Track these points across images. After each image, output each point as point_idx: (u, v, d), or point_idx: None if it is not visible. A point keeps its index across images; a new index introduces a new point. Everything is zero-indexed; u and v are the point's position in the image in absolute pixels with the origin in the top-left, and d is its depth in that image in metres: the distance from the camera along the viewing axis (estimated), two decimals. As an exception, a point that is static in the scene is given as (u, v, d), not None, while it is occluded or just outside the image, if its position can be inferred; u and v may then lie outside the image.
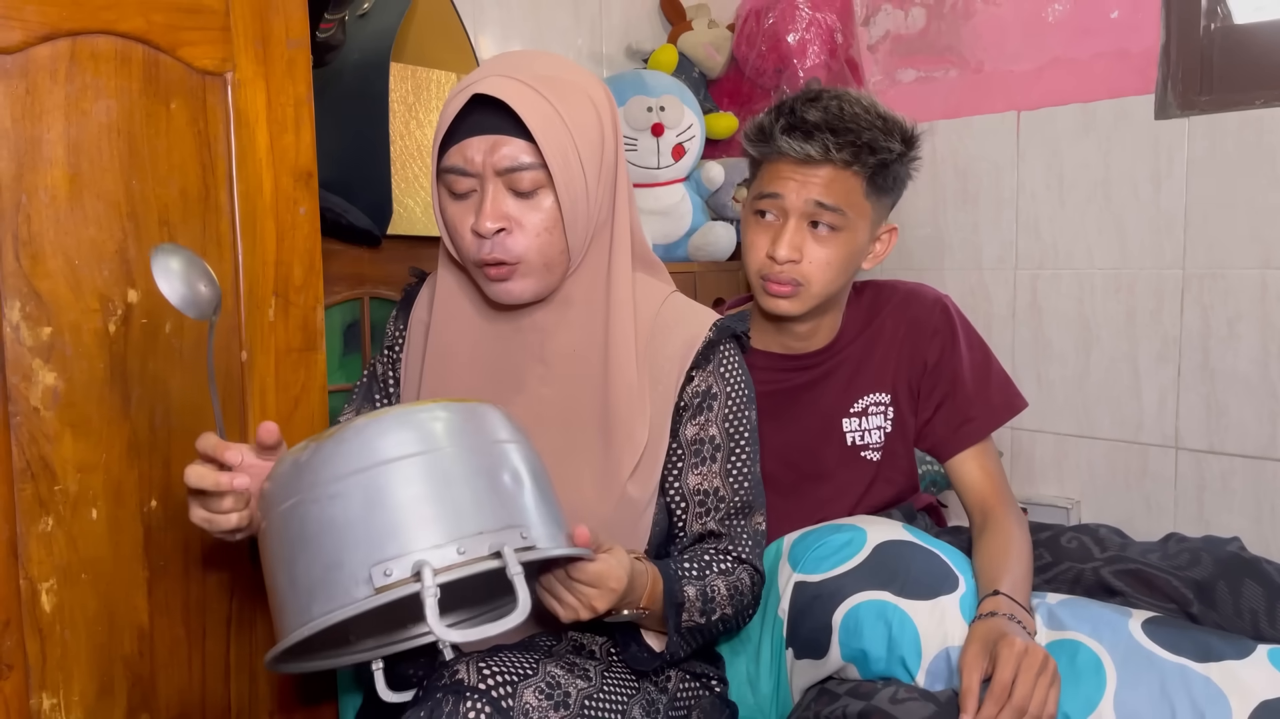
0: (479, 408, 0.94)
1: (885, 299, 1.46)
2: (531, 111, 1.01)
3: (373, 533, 0.83)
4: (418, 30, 1.82)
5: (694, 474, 1.13)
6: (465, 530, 0.84)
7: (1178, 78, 2.06)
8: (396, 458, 0.86)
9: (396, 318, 1.26)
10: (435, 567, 0.81)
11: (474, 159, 1.03)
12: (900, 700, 1.07)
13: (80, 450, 1.08)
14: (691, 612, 1.06)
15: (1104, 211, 2.17)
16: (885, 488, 1.45)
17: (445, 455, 0.87)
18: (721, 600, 1.09)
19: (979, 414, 1.40)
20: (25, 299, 1.04)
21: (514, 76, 1.03)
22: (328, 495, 0.84)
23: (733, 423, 1.14)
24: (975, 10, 2.35)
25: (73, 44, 1.06)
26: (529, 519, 0.89)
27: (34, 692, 1.07)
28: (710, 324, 1.15)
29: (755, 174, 1.39)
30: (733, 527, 1.14)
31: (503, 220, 1.04)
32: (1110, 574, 1.30)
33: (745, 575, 1.13)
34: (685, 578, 1.07)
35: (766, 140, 1.34)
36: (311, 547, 0.84)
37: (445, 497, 0.85)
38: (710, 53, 2.35)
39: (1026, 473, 2.34)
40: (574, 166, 1.04)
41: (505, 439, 0.93)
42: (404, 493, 0.84)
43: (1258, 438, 2.00)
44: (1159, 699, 1.04)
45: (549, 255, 1.06)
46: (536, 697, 0.96)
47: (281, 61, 1.20)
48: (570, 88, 1.06)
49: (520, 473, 0.91)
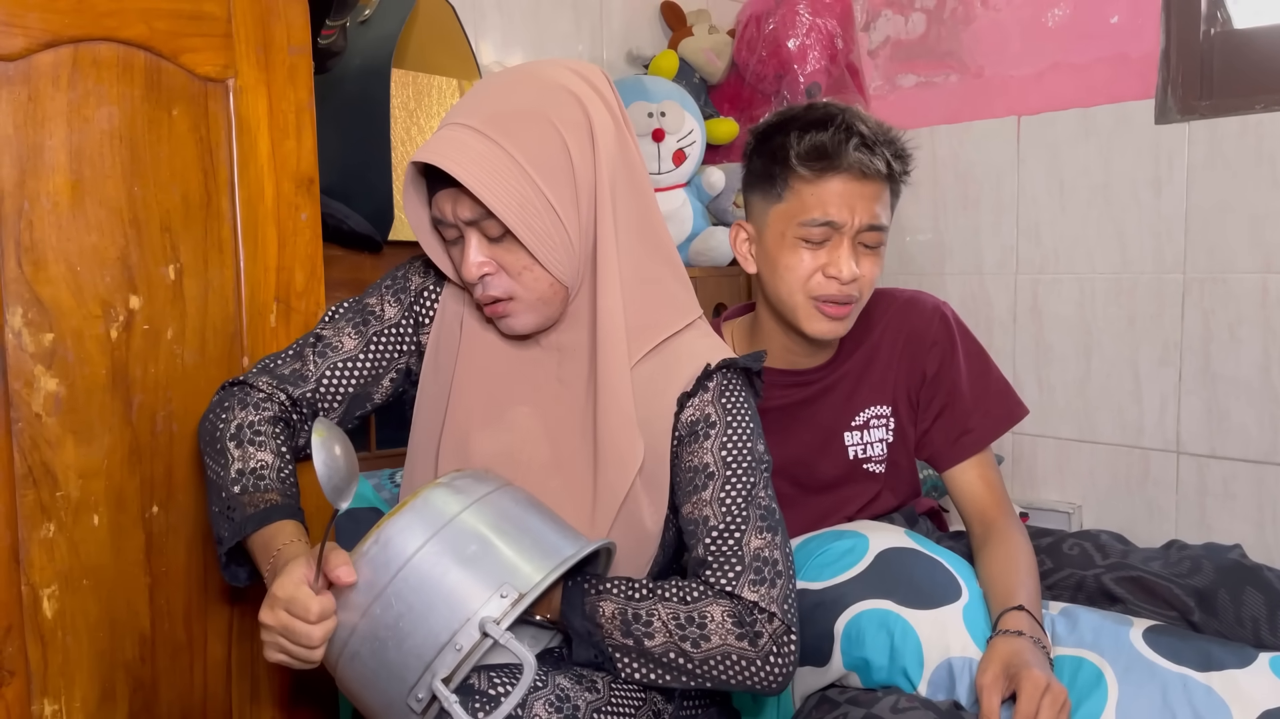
0: (415, 503, 0.98)
1: (883, 310, 1.44)
2: (471, 165, 1.01)
3: (393, 673, 0.93)
4: (419, 37, 1.82)
5: (688, 503, 1.09)
6: (455, 625, 0.92)
7: (1178, 82, 2.07)
8: (380, 606, 0.93)
9: (429, 273, 1.21)
10: (442, 677, 0.91)
11: (446, 211, 1.06)
12: (902, 710, 1.06)
13: (82, 456, 1.09)
14: (610, 629, 1.02)
15: (1104, 216, 2.18)
16: (889, 498, 1.45)
17: (416, 568, 0.93)
18: (658, 627, 1.02)
19: (977, 425, 1.39)
20: (27, 305, 1.04)
21: (463, 123, 1.04)
22: (348, 657, 0.95)
23: (731, 452, 1.09)
24: (975, 15, 2.36)
25: (75, 51, 1.06)
26: (508, 569, 0.94)
27: (36, 698, 1.07)
28: (718, 358, 1.11)
29: (786, 194, 1.31)
30: (719, 552, 1.05)
31: (483, 267, 1.06)
32: (1112, 581, 1.30)
33: (715, 609, 1.02)
34: (608, 594, 1.03)
35: (829, 158, 1.27)
36: (363, 700, 0.98)
37: (427, 606, 0.93)
38: (711, 58, 2.35)
39: (1028, 478, 2.34)
40: (534, 205, 1.03)
41: (456, 511, 0.97)
42: (400, 628, 0.93)
43: (1259, 443, 1.99)
44: (1161, 710, 1.04)
45: (539, 290, 1.07)
46: (546, 709, 0.96)
47: (283, 68, 1.21)
48: (525, 119, 1.03)
49: (482, 534, 0.96)
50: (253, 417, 1.09)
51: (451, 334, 1.18)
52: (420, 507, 0.97)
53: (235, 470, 1.05)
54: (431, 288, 1.20)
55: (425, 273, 1.21)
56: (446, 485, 1.00)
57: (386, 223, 1.62)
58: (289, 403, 1.13)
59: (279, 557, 0.98)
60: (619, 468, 1.09)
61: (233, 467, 1.06)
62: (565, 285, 1.08)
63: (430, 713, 0.93)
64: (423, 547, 0.94)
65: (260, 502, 1.03)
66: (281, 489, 1.06)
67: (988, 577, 1.25)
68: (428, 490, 0.99)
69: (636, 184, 1.12)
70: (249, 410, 1.10)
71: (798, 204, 1.30)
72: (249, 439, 1.07)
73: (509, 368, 1.15)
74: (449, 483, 1.01)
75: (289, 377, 1.14)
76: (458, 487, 1.00)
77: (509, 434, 1.13)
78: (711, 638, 1.02)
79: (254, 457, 1.06)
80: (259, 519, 1.02)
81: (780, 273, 1.33)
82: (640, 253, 1.12)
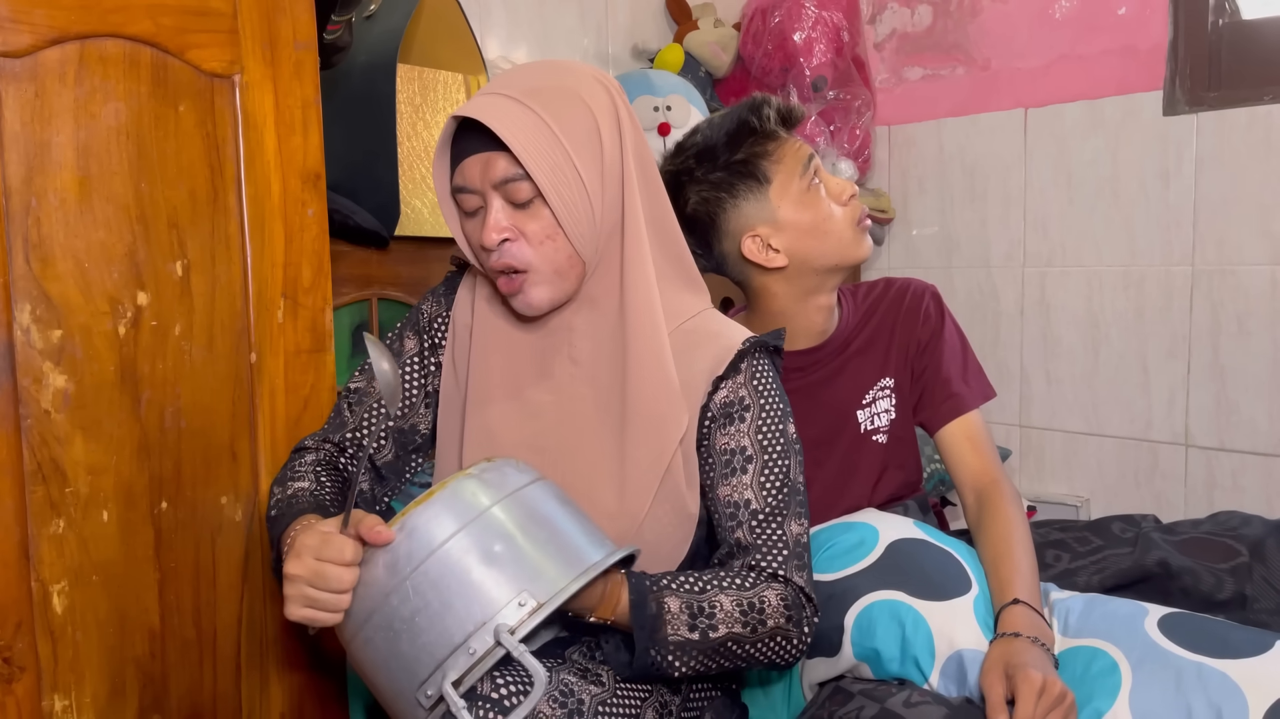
0: (444, 493, 0.96)
1: (882, 291, 1.51)
2: (511, 125, 1.03)
3: (404, 664, 0.92)
4: (424, 32, 1.82)
5: (724, 485, 1.11)
6: (470, 628, 0.90)
7: (1186, 74, 2.06)
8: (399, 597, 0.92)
9: (440, 299, 1.24)
10: (452, 679, 0.89)
11: (473, 177, 1.07)
12: (914, 704, 1.06)
13: (91, 453, 1.09)
14: (676, 624, 1.01)
15: (1112, 208, 2.17)
16: (896, 473, 1.47)
17: (440, 561, 0.92)
18: (724, 617, 1.02)
19: (961, 390, 1.45)
20: (35, 302, 1.04)
21: (502, 93, 1.06)
22: (362, 641, 0.94)
23: (767, 434, 1.11)
24: (982, 7, 2.35)
25: (81, 47, 1.06)
26: (530, 574, 0.93)
27: (46, 693, 1.07)
28: (743, 338, 1.14)
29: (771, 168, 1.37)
30: (764, 537, 1.08)
31: (505, 232, 1.06)
32: (1170, 545, 1.37)
33: (770, 593, 1.05)
34: (669, 590, 1.02)
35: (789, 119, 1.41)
36: (374, 682, 0.97)
37: (444, 604, 0.91)
38: (716, 52, 2.35)
39: (1036, 471, 2.34)
40: (565, 173, 1.05)
41: (485, 505, 0.95)
42: (416, 622, 0.92)
43: (1269, 435, 1.99)
44: (1174, 697, 1.03)
45: (557, 262, 1.07)
46: (550, 706, 0.96)
47: (289, 63, 1.21)
48: (562, 95, 1.07)
49: (508, 533, 0.94)
50: (295, 462, 1.17)
51: (463, 339, 1.19)
52: (449, 498, 0.95)
53: (274, 502, 1.12)
54: (444, 314, 1.23)
55: (437, 303, 1.24)
56: (476, 477, 0.98)
57: (393, 218, 1.62)
58: (335, 449, 1.19)
59: (302, 526, 1.00)
60: (659, 435, 1.09)
61: (274, 500, 1.13)
62: (583, 260, 1.09)
63: (438, 711, 0.92)
64: (448, 540, 0.92)
65: (296, 513, 1.06)
66: (315, 503, 1.09)
67: (985, 559, 1.27)
68: (456, 481, 0.97)
69: (653, 181, 1.15)
70: (294, 459, 1.19)
71: (788, 164, 1.36)
72: (289, 478, 1.14)
73: (520, 353, 1.16)
74: (478, 474, 0.98)
75: (330, 428, 1.21)
76: (487, 479, 0.98)
77: (529, 420, 1.14)
78: (768, 622, 1.05)
79: (292, 487, 1.12)
80: (290, 518, 1.05)
81: (824, 226, 1.37)
82: (657, 246, 1.14)
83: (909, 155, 2.50)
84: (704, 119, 1.43)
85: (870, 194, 2.50)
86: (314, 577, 0.92)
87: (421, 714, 0.92)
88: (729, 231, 1.37)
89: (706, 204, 1.37)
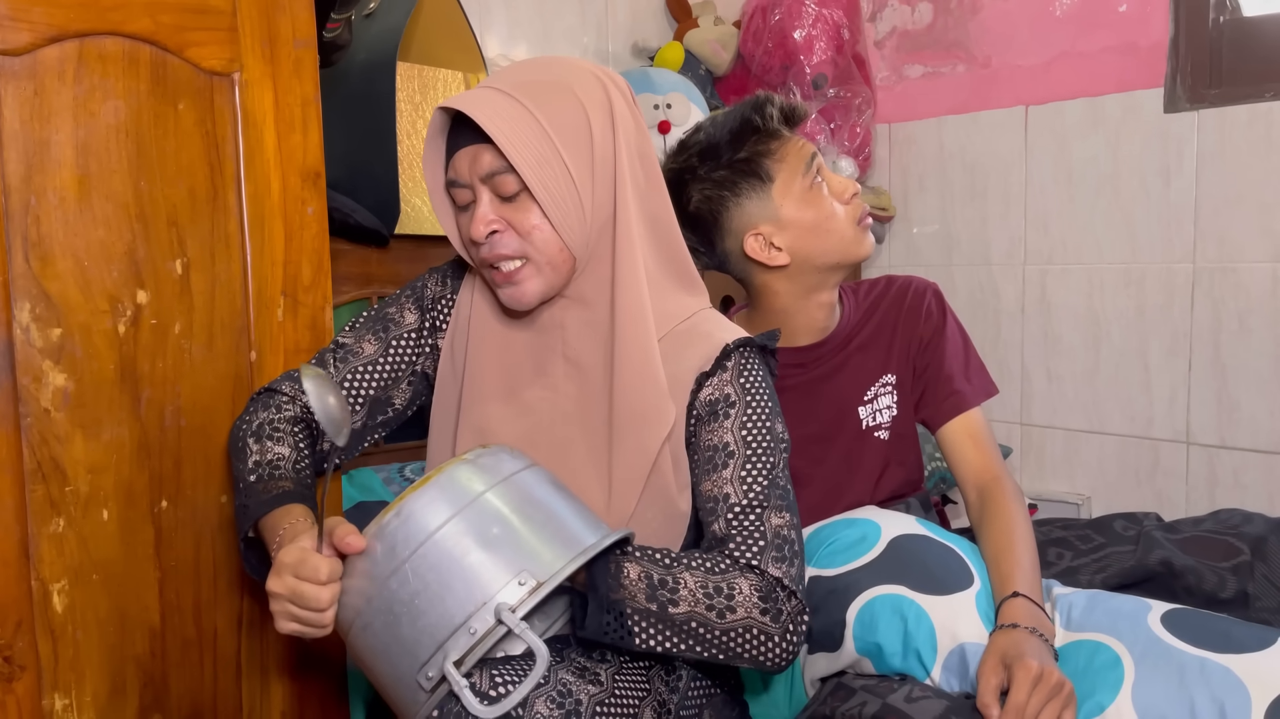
0: (439, 479, 0.96)
1: (884, 288, 1.51)
2: (495, 117, 1.03)
3: (405, 648, 0.92)
4: (424, 30, 1.82)
5: (707, 480, 1.11)
6: (471, 608, 0.90)
7: (1186, 71, 2.06)
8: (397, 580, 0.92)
9: (445, 280, 1.23)
10: (454, 659, 0.90)
11: (463, 170, 1.07)
12: (915, 699, 1.06)
13: (91, 451, 1.09)
14: (634, 591, 1.00)
15: (1113, 206, 2.17)
16: (897, 470, 1.47)
17: (437, 545, 0.92)
18: (688, 594, 1.01)
19: (964, 387, 1.45)
20: (35, 300, 1.04)
21: (492, 87, 1.07)
22: (360, 628, 0.94)
23: (752, 431, 1.11)
24: (982, 5, 2.35)
25: (80, 45, 1.06)
26: (528, 555, 0.93)
27: (46, 692, 1.07)
28: (734, 338, 1.14)
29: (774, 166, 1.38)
30: (741, 528, 1.07)
31: (492, 224, 1.07)
32: (1172, 544, 1.37)
33: (743, 582, 1.03)
34: (631, 558, 1.01)
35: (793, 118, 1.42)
36: (374, 670, 0.97)
37: (444, 585, 0.92)
38: (716, 50, 2.35)
39: (1037, 469, 2.34)
40: (552, 166, 1.05)
41: (480, 490, 0.96)
42: (416, 604, 0.92)
43: (1270, 433, 1.99)
44: (1177, 692, 1.03)
45: (548, 253, 1.08)
46: (548, 706, 0.95)
47: (288, 61, 1.21)
48: (552, 89, 1.07)
49: (505, 516, 0.95)
50: (273, 415, 1.13)
51: (463, 330, 1.19)
52: (444, 483, 0.96)
53: (252, 463, 1.09)
54: (448, 296, 1.22)
55: (442, 283, 1.23)
56: (471, 463, 0.98)
57: (393, 216, 1.62)
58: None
59: (285, 534, 1.00)
60: (645, 432, 1.09)
61: (250, 459, 1.09)
62: (573, 254, 1.09)
63: (438, 694, 0.92)
64: (444, 524, 0.93)
65: (273, 489, 1.05)
66: (295, 478, 1.08)
67: (986, 554, 1.26)
68: (452, 467, 0.97)
69: (653, 178, 1.14)
70: (270, 410, 1.13)
71: (791, 162, 1.36)
72: (267, 434, 1.11)
73: (516, 351, 1.16)
74: (473, 460, 0.99)
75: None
76: (482, 464, 0.99)
77: (521, 418, 1.14)
78: (737, 609, 1.03)
79: (270, 450, 1.10)
80: (270, 503, 1.04)
81: (826, 224, 1.37)
82: (653, 245, 1.14)
83: (909, 153, 2.50)
84: (706, 117, 1.43)
85: (871, 192, 2.49)
86: (293, 595, 0.93)
87: (422, 697, 0.92)
88: (731, 230, 1.37)
89: (709, 202, 1.37)
